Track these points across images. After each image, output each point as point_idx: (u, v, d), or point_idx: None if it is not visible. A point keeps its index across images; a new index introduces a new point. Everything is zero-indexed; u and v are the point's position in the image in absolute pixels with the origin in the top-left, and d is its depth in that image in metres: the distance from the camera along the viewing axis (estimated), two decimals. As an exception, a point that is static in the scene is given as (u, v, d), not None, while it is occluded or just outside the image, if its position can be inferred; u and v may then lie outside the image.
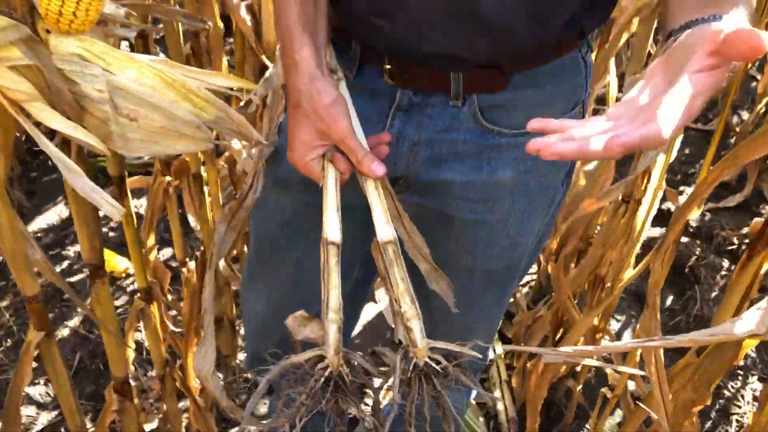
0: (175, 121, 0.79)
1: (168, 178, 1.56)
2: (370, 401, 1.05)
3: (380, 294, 2.59)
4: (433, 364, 0.91)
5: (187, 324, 1.67)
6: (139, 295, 1.34)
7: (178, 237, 1.53)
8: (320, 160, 0.97)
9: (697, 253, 2.70)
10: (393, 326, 2.48)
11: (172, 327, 1.70)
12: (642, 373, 1.37)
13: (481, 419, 2.07)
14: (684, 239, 2.70)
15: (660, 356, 1.12)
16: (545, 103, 1.02)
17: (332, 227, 0.95)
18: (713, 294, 2.55)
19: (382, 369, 2.17)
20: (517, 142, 1.03)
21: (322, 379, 0.90)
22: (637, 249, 1.38)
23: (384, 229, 0.95)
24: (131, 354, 1.50)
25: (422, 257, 1.06)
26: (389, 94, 1.03)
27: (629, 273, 1.40)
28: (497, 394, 2.11)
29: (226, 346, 1.99)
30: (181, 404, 1.88)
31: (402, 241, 1.03)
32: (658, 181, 1.29)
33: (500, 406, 2.08)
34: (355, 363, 0.95)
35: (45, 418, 2.00)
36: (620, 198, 1.57)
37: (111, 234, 2.60)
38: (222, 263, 1.90)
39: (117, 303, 2.37)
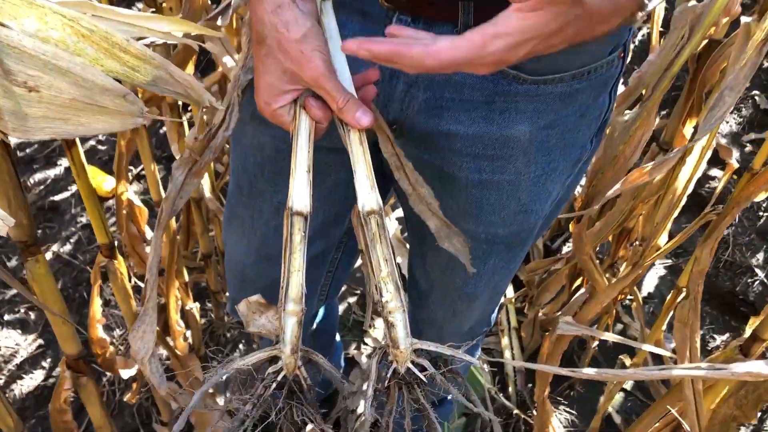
0: (91, 90, 0.57)
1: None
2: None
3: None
4: (417, 371, 0.74)
5: (167, 265, 1.51)
6: (101, 250, 1.17)
7: (152, 176, 1.35)
8: (291, 106, 0.80)
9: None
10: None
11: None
12: (670, 354, 1.20)
13: (486, 368, 1.93)
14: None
15: (696, 351, 0.94)
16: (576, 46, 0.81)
17: (300, 193, 0.77)
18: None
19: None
20: (538, 90, 0.84)
21: (274, 384, 0.73)
22: (676, 213, 1.17)
23: (367, 195, 0.77)
24: (98, 311, 1.34)
25: (431, 211, 0.88)
26: (383, 20, 0.83)
27: (663, 238, 1.20)
28: (505, 341, 1.97)
29: (215, 281, 1.85)
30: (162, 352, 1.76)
31: (406, 194, 0.87)
32: (710, 135, 1.07)
33: (507, 354, 1.94)
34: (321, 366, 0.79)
35: (26, 350, 1.89)
36: (656, 145, 1.35)
37: (100, 148, 2.43)
38: (208, 194, 1.73)
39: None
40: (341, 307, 2.07)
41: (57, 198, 2.27)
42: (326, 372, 0.80)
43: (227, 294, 1.85)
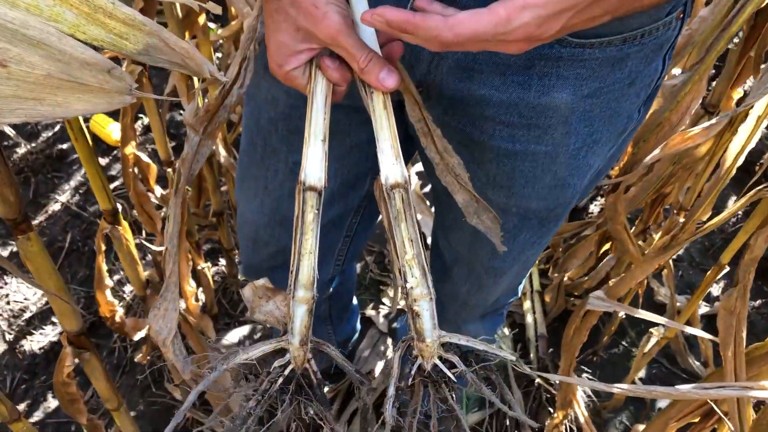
0: (69, 65, 0.48)
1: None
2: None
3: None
4: (445, 368, 0.67)
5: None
6: (104, 217, 1.10)
7: (159, 135, 1.27)
8: (306, 67, 0.71)
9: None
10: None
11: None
12: (709, 336, 1.12)
13: (507, 331, 1.87)
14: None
15: (742, 342, 0.86)
16: None
17: (313, 165, 0.69)
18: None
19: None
20: (583, 55, 0.74)
21: (281, 380, 0.67)
22: (722, 187, 1.07)
23: (390, 167, 0.68)
24: (105, 277, 1.28)
25: (459, 184, 0.80)
26: None
27: (706, 214, 1.11)
28: (527, 305, 1.89)
29: (228, 239, 1.78)
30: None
31: (433, 164, 0.78)
32: None
33: (529, 318, 1.87)
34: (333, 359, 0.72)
35: (36, 305, 1.85)
36: (701, 107, 1.24)
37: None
38: (222, 152, 1.65)
39: (116, 184, 2.16)
40: (358, 266, 2.00)
41: (65, 146, 2.20)
42: (339, 365, 0.74)
43: (239, 253, 1.79)
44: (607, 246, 1.73)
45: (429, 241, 2.14)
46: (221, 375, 0.65)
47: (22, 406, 1.66)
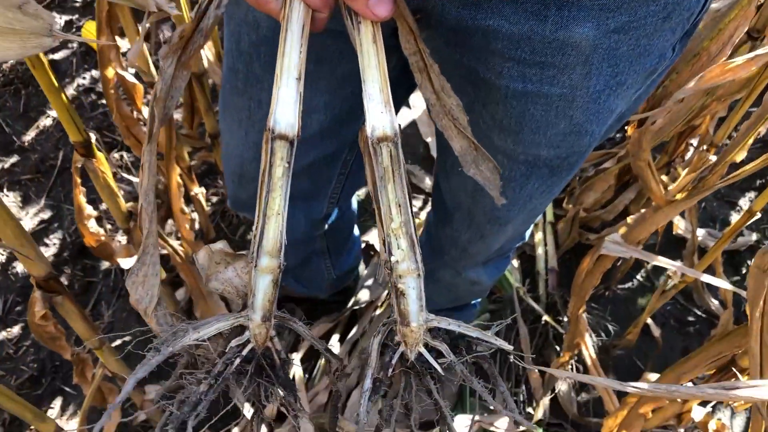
0: None
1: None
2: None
3: (415, 98, 2.20)
4: (431, 359, 0.58)
5: (166, 151, 1.35)
6: (76, 149, 1.00)
7: (141, 55, 1.15)
8: None
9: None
10: (427, 140, 2.12)
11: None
12: (733, 289, 1.03)
13: (515, 262, 1.79)
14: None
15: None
16: None
17: (285, 109, 0.59)
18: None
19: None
20: (610, -19, 0.61)
21: (238, 360, 0.59)
22: (762, 125, 0.95)
23: (378, 116, 0.59)
24: (85, 207, 1.20)
25: (457, 129, 0.69)
26: None
27: (741, 155, 0.99)
28: (539, 236, 1.80)
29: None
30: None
31: (428, 105, 0.68)
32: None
33: (540, 250, 1.78)
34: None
35: (27, 225, 1.78)
36: (746, 32, 1.10)
37: None
38: (212, 65, 1.53)
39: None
40: (362, 190, 1.91)
41: (56, 57, 2.08)
42: (308, 340, 0.65)
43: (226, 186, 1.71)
44: (627, 177, 1.62)
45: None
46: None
47: (16, 329, 1.62)
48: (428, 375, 0.58)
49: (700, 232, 1.81)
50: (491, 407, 0.61)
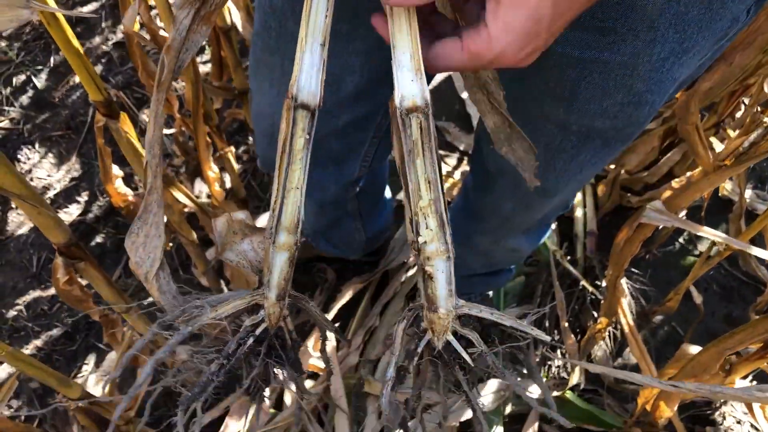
0: None
1: None
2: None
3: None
4: (460, 348, 0.54)
5: (193, 109, 1.31)
6: (98, 109, 0.97)
7: (163, 10, 1.10)
8: None
9: None
10: (462, 95, 2.04)
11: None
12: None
13: (553, 225, 1.73)
14: None
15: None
16: None
17: (308, 76, 0.56)
18: None
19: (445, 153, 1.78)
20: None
21: (251, 340, 0.56)
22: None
23: (407, 84, 0.54)
24: (111, 167, 1.18)
25: (491, 104, 0.64)
26: None
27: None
28: (578, 197, 1.74)
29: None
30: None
31: (461, 74, 0.63)
32: None
33: (579, 212, 1.72)
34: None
35: (60, 183, 1.78)
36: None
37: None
38: (240, 21, 1.48)
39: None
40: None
41: (85, 9, 2.04)
42: (320, 324, 0.63)
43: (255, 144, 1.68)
44: (672, 138, 1.54)
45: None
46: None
47: (50, 286, 1.64)
48: (457, 365, 0.55)
49: (749, 194, 1.73)
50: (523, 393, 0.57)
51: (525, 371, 1.46)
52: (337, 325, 1.58)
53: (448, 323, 0.54)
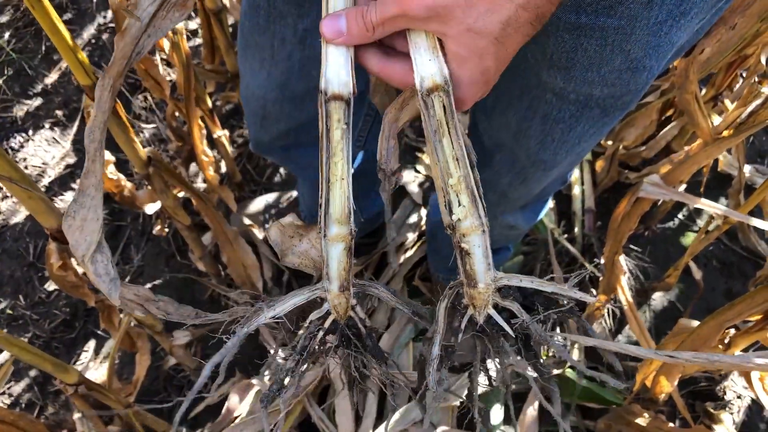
0: None
1: None
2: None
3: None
4: (502, 320, 0.54)
5: (185, 93, 1.30)
6: (86, 92, 0.95)
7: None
8: None
9: None
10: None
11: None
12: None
13: (551, 202, 1.72)
14: None
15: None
16: None
17: (337, 67, 0.57)
18: None
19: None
20: None
21: (321, 333, 0.56)
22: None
23: (427, 63, 0.54)
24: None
25: None
26: None
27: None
28: (575, 174, 1.73)
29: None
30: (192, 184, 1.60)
31: None
32: None
33: (576, 190, 1.71)
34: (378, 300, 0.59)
35: (54, 169, 1.77)
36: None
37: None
38: (230, 1, 1.46)
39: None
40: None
41: (77, -6, 2.02)
42: (397, 308, 0.62)
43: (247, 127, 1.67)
44: (669, 112, 1.53)
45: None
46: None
47: (47, 274, 1.63)
48: (501, 337, 0.55)
49: (747, 169, 1.71)
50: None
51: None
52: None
53: (489, 297, 0.54)
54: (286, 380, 0.57)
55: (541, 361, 0.57)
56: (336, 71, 0.54)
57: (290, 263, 0.63)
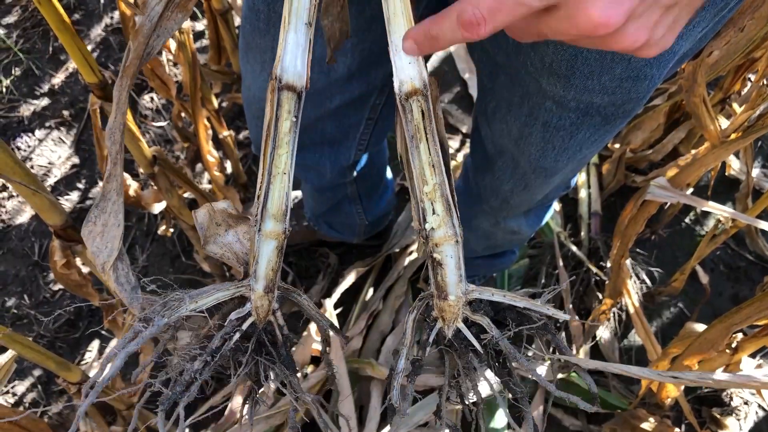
0: None
1: None
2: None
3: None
4: (471, 336, 0.53)
5: (191, 93, 1.30)
6: (93, 90, 0.95)
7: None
8: None
9: None
10: (464, 77, 2.02)
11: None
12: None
13: (557, 206, 1.71)
14: None
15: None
16: None
17: (293, 56, 0.54)
18: None
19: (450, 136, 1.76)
20: None
21: (237, 335, 0.54)
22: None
23: (406, 66, 0.53)
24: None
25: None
26: None
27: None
28: (582, 178, 1.72)
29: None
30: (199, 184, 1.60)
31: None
32: None
33: (583, 193, 1.70)
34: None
35: (60, 169, 1.77)
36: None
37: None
38: (238, 2, 1.46)
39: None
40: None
41: (84, -5, 2.03)
42: (314, 318, 0.61)
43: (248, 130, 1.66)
44: (677, 115, 1.52)
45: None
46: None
47: (51, 273, 1.63)
48: (470, 352, 0.53)
49: (756, 173, 1.70)
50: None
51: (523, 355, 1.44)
52: (339, 310, 1.57)
53: (459, 310, 0.52)
54: (193, 386, 0.54)
55: (515, 379, 0.55)
56: (292, 61, 0.53)
57: (211, 252, 0.60)
